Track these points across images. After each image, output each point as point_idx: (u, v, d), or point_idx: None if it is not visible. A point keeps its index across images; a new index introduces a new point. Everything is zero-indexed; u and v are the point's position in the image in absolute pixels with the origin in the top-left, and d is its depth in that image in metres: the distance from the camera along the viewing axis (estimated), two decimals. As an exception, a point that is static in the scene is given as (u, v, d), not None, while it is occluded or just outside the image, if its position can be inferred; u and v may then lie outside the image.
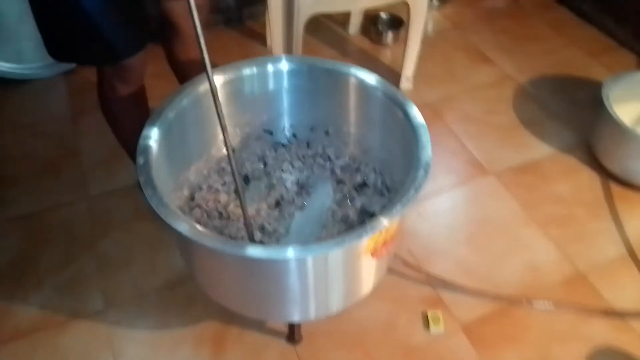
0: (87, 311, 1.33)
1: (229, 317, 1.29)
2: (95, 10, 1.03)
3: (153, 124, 1.05)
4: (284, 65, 1.20)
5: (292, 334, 1.25)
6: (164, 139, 1.06)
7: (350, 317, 1.30)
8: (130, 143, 1.09)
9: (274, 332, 1.28)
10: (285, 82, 1.23)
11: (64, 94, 1.94)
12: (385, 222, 0.91)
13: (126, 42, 1.12)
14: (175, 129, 1.11)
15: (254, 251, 0.88)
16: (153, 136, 1.03)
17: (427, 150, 1.01)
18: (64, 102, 1.91)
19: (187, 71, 1.38)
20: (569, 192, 1.60)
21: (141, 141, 1.01)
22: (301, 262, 0.92)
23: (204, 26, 1.37)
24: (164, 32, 1.31)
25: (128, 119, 1.28)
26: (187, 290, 1.36)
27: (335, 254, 0.93)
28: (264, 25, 2.12)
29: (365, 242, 0.93)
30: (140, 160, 0.99)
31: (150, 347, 1.27)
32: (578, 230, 1.49)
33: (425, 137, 1.04)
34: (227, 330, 1.29)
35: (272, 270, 0.95)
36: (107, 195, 1.60)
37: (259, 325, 1.29)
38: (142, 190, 1.44)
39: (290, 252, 0.88)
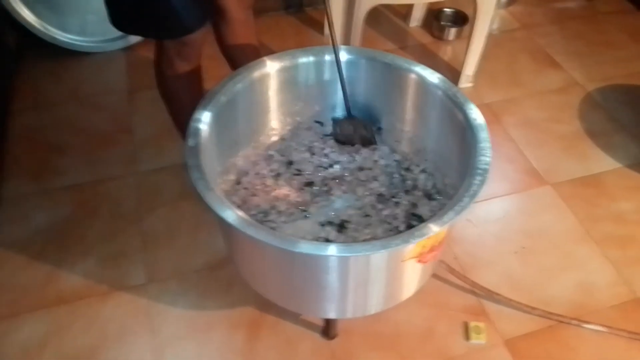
0: (128, 284, 1.35)
1: (266, 305, 1.29)
2: None
3: (205, 107, 1.04)
4: (343, 56, 1.17)
5: (328, 329, 1.23)
6: (215, 122, 1.05)
7: (388, 319, 1.27)
8: (184, 121, 1.09)
9: (310, 325, 1.26)
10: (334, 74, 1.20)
11: (122, 69, 1.97)
12: (435, 229, 0.87)
13: (191, 16, 1.13)
14: (226, 113, 1.10)
15: (297, 245, 0.86)
16: (204, 119, 1.03)
17: (486, 156, 0.96)
18: (121, 77, 1.94)
19: (237, 56, 1.38)
20: (633, 211, 1.50)
21: (192, 123, 1.01)
22: (343, 261, 0.89)
23: (249, 7, 1.36)
24: (213, 17, 1.31)
25: (183, 97, 1.29)
26: (226, 274, 1.37)
27: (378, 256, 0.90)
28: (323, 13, 2.09)
29: (412, 247, 0.89)
30: (190, 142, 0.99)
31: (186, 326, 1.28)
32: (638, 253, 1.40)
33: (485, 142, 0.99)
34: (262, 317, 1.28)
35: (313, 266, 0.93)
36: (155, 172, 1.62)
37: (295, 317, 1.28)
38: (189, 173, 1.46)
39: (333, 250, 0.85)
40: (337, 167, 1.30)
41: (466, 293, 1.32)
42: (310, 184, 1.27)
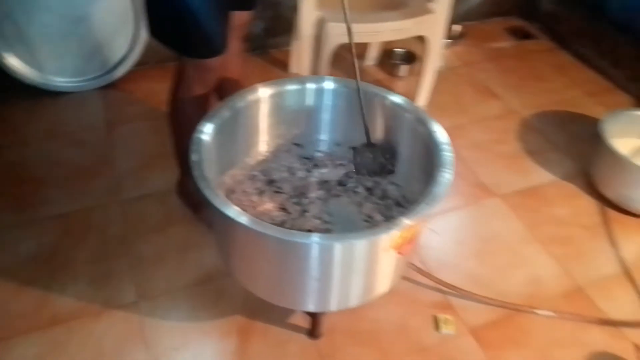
0: (120, 302, 1.42)
1: (254, 313, 1.39)
2: (201, 6, 1.19)
3: (208, 121, 1.18)
4: (326, 84, 1.34)
5: (314, 329, 1.34)
6: (215, 139, 1.18)
7: (367, 317, 1.40)
8: (186, 146, 1.19)
9: (296, 328, 1.37)
10: (323, 100, 1.37)
11: (100, 106, 2.07)
12: (413, 219, 1.02)
13: (218, 40, 1.27)
14: (224, 133, 1.23)
15: (287, 234, 1.00)
16: (207, 132, 1.17)
17: (449, 154, 1.14)
18: (99, 114, 2.04)
19: (225, 86, 1.50)
20: (569, 215, 1.72)
21: (196, 134, 1.14)
22: (328, 249, 1.03)
23: (240, 37, 1.50)
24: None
25: (192, 121, 1.38)
26: (215, 287, 1.46)
27: (362, 244, 1.04)
28: (286, 54, 2.28)
29: (394, 236, 1.04)
30: (194, 156, 1.12)
31: (180, 337, 1.36)
32: (577, 250, 1.62)
33: (447, 145, 1.17)
34: (252, 324, 1.38)
35: (299, 254, 1.05)
36: (139, 200, 1.71)
37: (282, 321, 1.39)
38: (182, 188, 1.56)
39: (320, 238, 0.99)
40: (313, 181, 1.45)
41: (434, 291, 1.48)
42: (290, 199, 1.41)
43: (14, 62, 1.97)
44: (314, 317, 1.32)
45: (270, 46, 2.39)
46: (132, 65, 2.12)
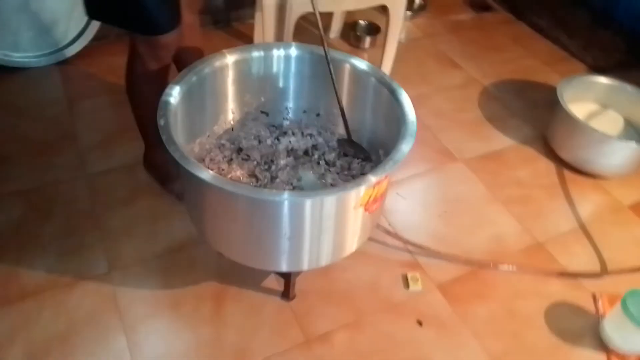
0: (92, 274, 1.42)
1: (228, 278, 1.41)
2: None
3: (175, 84, 1.18)
4: (292, 51, 1.35)
5: (287, 291, 1.37)
6: (182, 104, 1.18)
7: (338, 278, 1.44)
8: (148, 121, 1.18)
9: (270, 291, 1.40)
10: (291, 67, 1.38)
11: (58, 82, 2.02)
12: (379, 176, 1.06)
13: (163, 18, 1.24)
14: (192, 98, 1.23)
15: (258, 192, 1.02)
16: (174, 95, 1.17)
17: (412, 117, 1.17)
18: (58, 89, 1.99)
19: (183, 58, 1.46)
20: (528, 176, 1.80)
21: (163, 97, 1.14)
22: (298, 205, 1.05)
23: (196, 11, 1.48)
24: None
25: (151, 96, 1.36)
26: (188, 255, 1.47)
27: (331, 200, 1.06)
28: (250, 27, 2.27)
29: (361, 193, 1.07)
30: (162, 121, 1.11)
31: (153, 305, 1.37)
32: (536, 208, 1.69)
33: (410, 109, 1.20)
34: (225, 289, 1.40)
35: (271, 213, 1.07)
36: (105, 174, 1.69)
37: (256, 285, 1.41)
38: (148, 161, 1.55)
39: (288, 195, 1.02)
40: (281, 149, 1.47)
41: (402, 251, 1.53)
42: (258, 165, 1.42)
43: (-33, 37, 1.90)
44: (286, 278, 1.35)
45: (234, 19, 2.38)
46: (90, 39, 2.08)
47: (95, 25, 2.04)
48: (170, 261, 1.46)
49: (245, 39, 2.31)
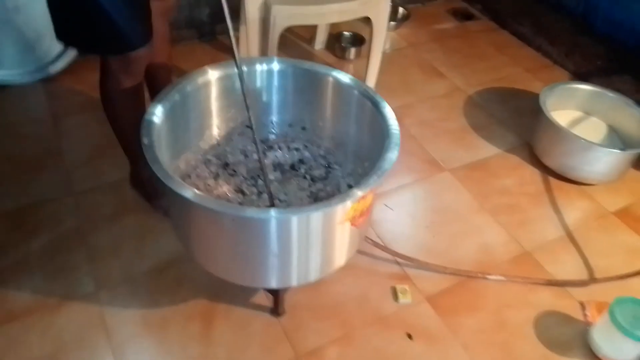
0: (79, 294, 1.40)
1: (216, 296, 1.40)
2: (109, 3, 1.14)
3: (158, 103, 1.17)
4: (275, 66, 1.35)
5: (276, 307, 1.37)
6: (166, 122, 1.18)
7: (327, 292, 1.44)
8: (129, 138, 1.16)
9: (259, 307, 1.39)
10: (273, 81, 1.38)
11: (43, 99, 2.00)
12: (363, 191, 1.06)
13: (135, 34, 1.23)
14: (176, 115, 1.23)
15: (245, 211, 1.01)
16: (158, 114, 1.16)
17: (396, 130, 1.18)
18: (43, 107, 1.98)
19: (151, 75, 1.46)
20: (514, 185, 1.81)
21: (146, 118, 1.13)
22: (285, 222, 1.05)
23: (168, 21, 1.48)
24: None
25: (129, 114, 1.36)
26: (175, 273, 1.46)
27: (317, 216, 1.06)
28: (236, 40, 2.27)
29: (346, 208, 1.08)
30: (145, 140, 1.11)
31: (141, 325, 1.35)
32: (523, 217, 1.70)
33: (394, 122, 1.21)
34: (214, 307, 1.39)
35: (258, 230, 1.07)
36: (92, 191, 1.67)
37: (245, 302, 1.40)
38: (135, 179, 1.54)
39: (275, 212, 1.02)
40: (268, 164, 1.47)
41: (390, 263, 1.53)
42: (245, 181, 1.42)
43: (-52, 55, 1.88)
44: (275, 294, 1.34)
45: (219, 32, 2.38)
46: (75, 56, 2.06)
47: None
48: (158, 279, 1.45)
49: (230, 52, 2.30)
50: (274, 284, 1.21)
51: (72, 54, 2.06)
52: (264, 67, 1.38)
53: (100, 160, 1.76)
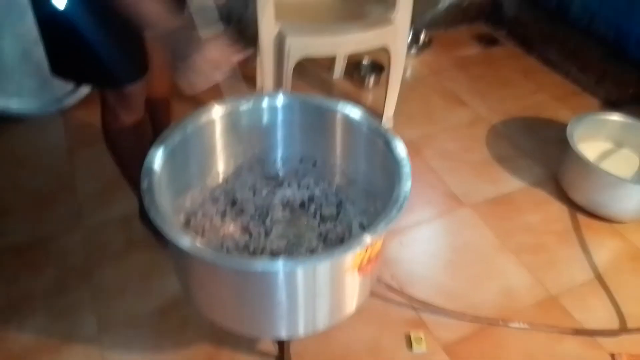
0: (81, 335, 1.37)
1: (221, 341, 1.35)
2: (99, 38, 1.12)
3: (158, 148, 1.13)
4: (279, 101, 1.31)
5: (282, 354, 1.30)
6: (166, 165, 1.14)
7: (336, 339, 1.36)
8: (132, 174, 1.14)
9: (264, 354, 1.33)
10: (278, 117, 1.34)
11: (60, 130, 2.01)
12: (370, 238, 0.99)
13: (125, 69, 1.21)
14: (176, 157, 1.19)
15: (247, 263, 0.95)
16: (157, 161, 1.12)
17: (407, 171, 1.11)
18: (59, 138, 1.98)
19: (151, 108, 1.44)
20: (540, 222, 1.71)
21: (145, 164, 1.09)
22: (291, 274, 0.99)
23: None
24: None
25: (129, 150, 1.35)
26: (180, 315, 1.41)
27: (323, 266, 1.00)
28: (253, 70, 2.24)
29: (353, 256, 1.01)
30: (144, 184, 1.07)
31: (143, 369, 1.31)
32: (549, 257, 1.60)
33: (406, 162, 1.14)
34: (218, 352, 1.34)
35: (262, 282, 1.01)
36: (101, 226, 1.65)
37: (250, 348, 1.34)
38: (144, 214, 1.51)
39: (280, 264, 0.95)
40: (277, 202, 1.42)
41: (405, 307, 1.44)
42: (252, 219, 1.37)
43: (-32, 88, 1.91)
44: (281, 343, 1.27)
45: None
46: (91, 88, 2.07)
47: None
48: (162, 321, 1.40)
49: (248, 81, 2.27)
50: (279, 334, 1.15)
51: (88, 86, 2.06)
52: (271, 102, 1.33)
53: (112, 193, 1.74)
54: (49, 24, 1.15)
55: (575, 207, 1.75)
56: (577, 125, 1.78)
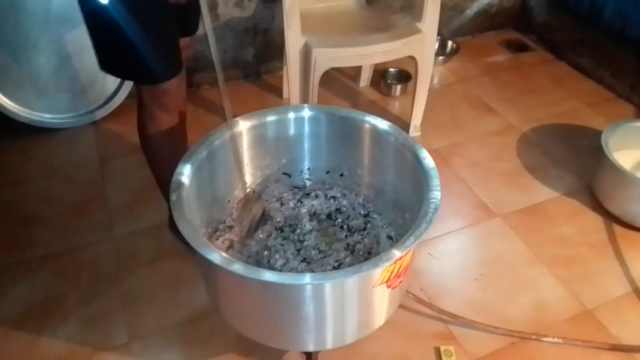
0: (111, 344, 1.38)
1: (248, 351, 1.35)
2: (138, 33, 1.16)
3: (186, 162, 1.15)
4: (306, 113, 1.31)
5: (310, 366, 1.29)
6: (194, 178, 1.15)
7: (364, 351, 1.35)
8: (166, 177, 1.15)
9: (292, 365, 1.33)
10: (305, 129, 1.34)
11: (92, 142, 2.06)
12: (399, 253, 0.98)
13: (160, 66, 1.24)
14: (204, 170, 1.20)
15: (276, 277, 0.95)
16: (185, 174, 1.13)
17: (437, 184, 1.09)
18: (91, 149, 2.03)
19: None
20: (574, 233, 1.66)
21: (174, 178, 1.10)
22: (319, 288, 0.98)
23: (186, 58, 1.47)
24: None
25: (166, 151, 1.36)
26: (208, 325, 1.42)
27: (351, 281, 0.99)
28: (280, 79, 2.26)
29: (381, 271, 1.00)
30: (174, 197, 1.08)
31: (172, 379, 1.32)
32: (583, 269, 1.55)
33: (435, 175, 1.12)
34: (246, 363, 1.34)
35: (291, 296, 1.01)
36: (131, 236, 1.68)
37: (277, 359, 1.34)
38: (173, 223, 1.53)
39: (308, 279, 0.95)
40: (304, 212, 1.42)
41: (434, 320, 1.42)
42: (281, 230, 1.37)
43: (5, 101, 1.97)
44: (308, 355, 1.27)
45: (263, 72, 2.38)
46: (124, 98, 2.11)
47: (129, 83, 2.08)
48: (191, 331, 1.41)
49: (275, 91, 2.30)
50: (307, 347, 1.14)
51: (122, 95, 2.11)
52: (298, 113, 1.33)
53: (142, 203, 1.76)
54: (94, 18, 1.18)
55: (610, 218, 1.70)
56: (613, 132, 1.73)
